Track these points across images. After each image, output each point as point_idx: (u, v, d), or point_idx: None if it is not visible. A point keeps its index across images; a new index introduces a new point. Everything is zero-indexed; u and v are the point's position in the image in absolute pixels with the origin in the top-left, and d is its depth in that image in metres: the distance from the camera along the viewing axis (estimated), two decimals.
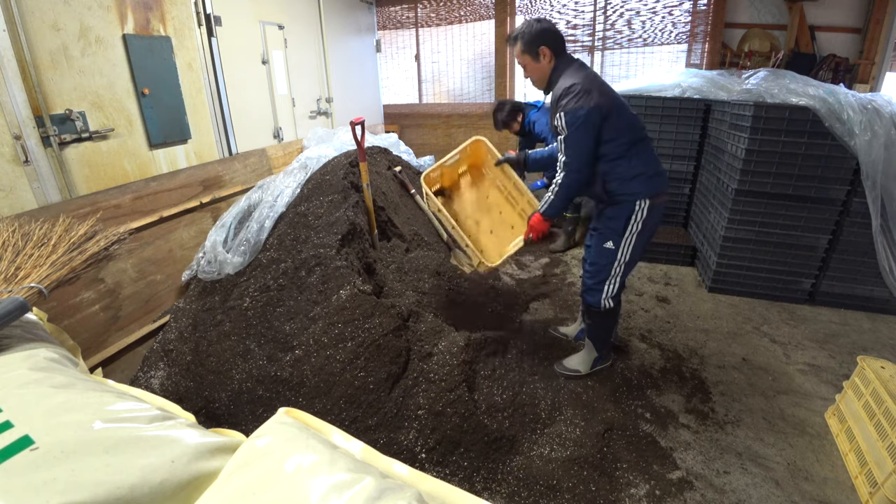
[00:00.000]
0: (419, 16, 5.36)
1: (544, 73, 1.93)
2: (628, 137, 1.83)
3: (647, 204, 1.84)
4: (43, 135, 2.04)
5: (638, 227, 1.88)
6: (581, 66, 1.87)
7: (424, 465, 1.63)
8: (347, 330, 1.88)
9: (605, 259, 1.94)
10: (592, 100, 1.75)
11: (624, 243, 1.90)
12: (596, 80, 1.84)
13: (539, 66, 1.91)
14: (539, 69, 1.92)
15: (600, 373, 2.18)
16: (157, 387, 1.97)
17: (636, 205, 1.85)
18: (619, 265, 1.93)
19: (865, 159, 2.48)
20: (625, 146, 1.83)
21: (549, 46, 1.86)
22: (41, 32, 2.03)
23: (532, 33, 1.86)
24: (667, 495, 1.60)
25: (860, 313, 2.79)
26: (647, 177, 1.85)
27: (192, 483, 0.75)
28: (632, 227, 1.88)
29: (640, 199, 1.84)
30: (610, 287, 1.96)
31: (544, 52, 1.87)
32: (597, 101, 1.75)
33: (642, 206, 1.84)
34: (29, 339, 1.08)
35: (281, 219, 2.52)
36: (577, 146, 1.80)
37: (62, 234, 1.49)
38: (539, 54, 1.88)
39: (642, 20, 4.45)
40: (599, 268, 1.96)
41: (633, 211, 1.86)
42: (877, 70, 3.87)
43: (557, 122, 1.81)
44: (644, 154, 1.86)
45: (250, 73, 3.44)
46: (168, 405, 1.00)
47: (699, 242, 3.37)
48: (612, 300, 1.97)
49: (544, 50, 1.86)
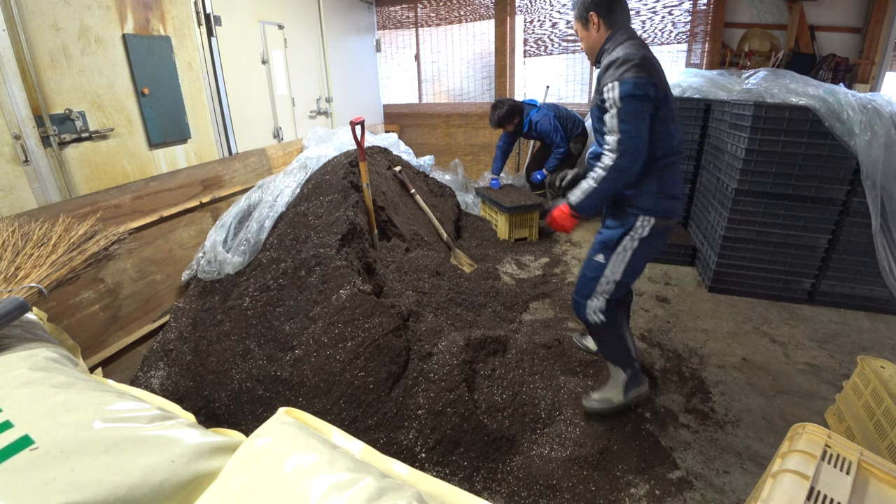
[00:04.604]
0: (419, 15, 5.36)
1: (593, 44, 1.71)
2: (663, 149, 1.63)
3: (651, 224, 1.66)
4: (43, 134, 2.04)
5: (634, 244, 1.68)
6: (642, 45, 1.63)
7: (424, 464, 1.63)
8: (347, 330, 1.88)
9: (592, 272, 1.77)
10: (654, 78, 1.53)
11: (615, 259, 1.71)
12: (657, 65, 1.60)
13: (588, 35, 1.70)
14: (588, 38, 1.71)
15: (600, 373, 2.17)
16: (157, 387, 1.97)
17: (638, 220, 1.66)
18: (608, 282, 1.74)
19: (865, 159, 2.48)
20: (661, 155, 1.63)
21: (598, 13, 1.65)
22: (41, 32, 2.03)
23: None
24: (667, 495, 1.60)
25: (860, 313, 2.79)
26: (664, 196, 1.66)
27: (192, 483, 0.75)
28: (626, 243, 1.69)
29: (646, 216, 1.66)
30: (595, 302, 1.77)
31: (593, 18, 1.66)
32: (656, 83, 1.53)
33: (644, 224, 1.66)
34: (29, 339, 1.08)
35: (281, 218, 2.52)
36: (634, 122, 1.52)
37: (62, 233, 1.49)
38: (588, 21, 1.67)
39: (642, 20, 4.45)
40: (586, 280, 1.79)
41: (632, 226, 1.67)
42: (877, 70, 3.87)
43: (607, 95, 1.54)
44: (670, 172, 1.66)
45: (250, 73, 3.44)
46: (168, 405, 1.00)
47: (699, 242, 3.37)
48: (602, 314, 1.77)
49: (593, 17, 1.65)
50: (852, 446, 1.06)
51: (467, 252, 3.40)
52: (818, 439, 1.07)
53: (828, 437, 1.08)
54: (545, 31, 4.88)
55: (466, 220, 4.10)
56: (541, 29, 4.89)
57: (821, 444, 1.05)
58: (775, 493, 0.95)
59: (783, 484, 0.96)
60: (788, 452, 1.06)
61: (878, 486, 0.97)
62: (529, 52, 5.03)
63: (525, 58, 5.09)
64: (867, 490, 0.96)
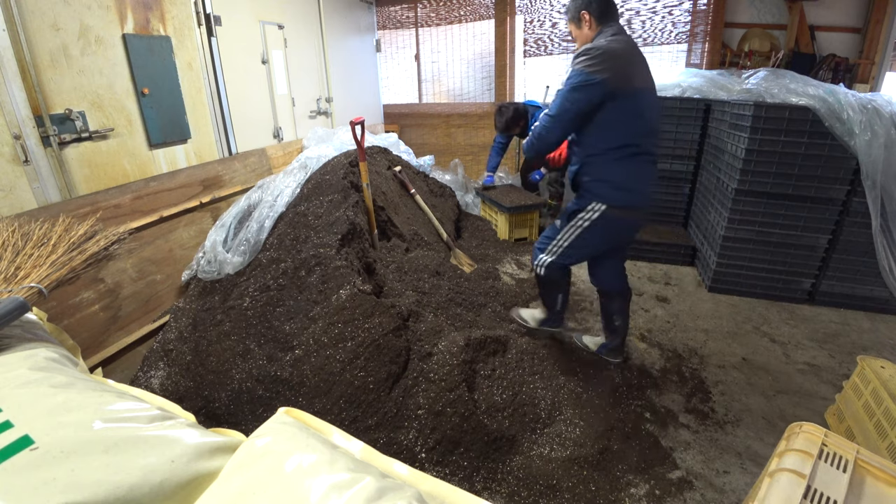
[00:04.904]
0: (419, 15, 5.36)
1: (585, 41, 1.79)
2: (619, 140, 1.73)
3: (601, 210, 1.81)
4: (43, 134, 2.04)
5: (584, 224, 1.87)
6: (625, 41, 1.71)
7: (424, 464, 1.63)
8: (347, 330, 1.88)
9: (550, 231, 2.04)
10: (607, 72, 1.62)
11: (567, 230, 1.93)
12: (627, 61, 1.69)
13: (581, 34, 1.80)
14: (581, 36, 1.80)
15: (600, 373, 2.18)
16: (157, 387, 1.97)
17: (590, 203, 1.84)
18: (558, 245, 1.97)
19: (865, 159, 2.48)
20: (616, 146, 1.74)
21: (590, 12, 1.74)
22: (41, 32, 2.03)
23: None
24: (667, 495, 1.60)
25: (860, 313, 2.79)
26: (615, 187, 1.79)
27: (192, 483, 0.75)
28: (577, 221, 1.89)
29: (597, 201, 1.82)
30: (545, 257, 2.02)
31: (585, 17, 1.75)
32: (609, 77, 1.63)
33: (595, 208, 1.83)
34: (29, 339, 1.08)
35: (281, 218, 2.52)
36: (562, 106, 1.71)
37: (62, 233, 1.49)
38: (581, 20, 1.77)
39: (642, 20, 4.45)
40: (545, 237, 2.05)
41: (584, 207, 1.86)
42: (877, 70, 3.87)
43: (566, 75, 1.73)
44: (628, 164, 1.77)
45: (250, 73, 3.44)
46: (168, 405, 1.00)
47: (699, 242, 3.37)
48: (544, 269, 2.03)
49: (585, 15, 1.75)
50: (849, 445, 1.06)
51: (467, 252, 3.40)
52: (815, 438, 1.07)
53: (824, 435, 1.08)
54: (545, 31, 4.88)
55: (466, 220, 4.10)
56: (541, 29, 4.89)
57: (817, 443, 1.05)
58: (772, 492, 0.95)
59: (780, 483, 0.97)
60: (785, 451, 1.06)
61: (874, 484, 0.97)
62: (529, 52, 5.03)
63: (525, 58, 5.09)
64: (863, 488, 0.97)
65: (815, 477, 0.97)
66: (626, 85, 1.67)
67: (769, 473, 1.02)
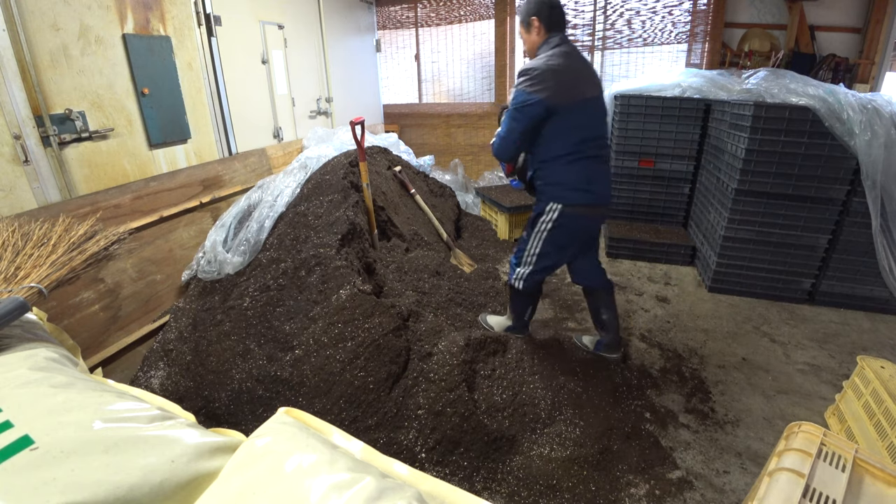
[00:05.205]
0: (419, 15, 5.36)
1: (532, 46, 1.93)
2: (571, 148, 1.83)
3: (559, 210, 1.90)
4: (43, 134, 2.04)
5: (547, 226, 1.94)
6: (566, 54, 1.82)
7: (424, 464, 1.63)
8: (347, 330, 1.88)
9: (521, 243, 2.09)
10: (546, 91, 1.74)
11: (534, 237, 1.99)
12: (567, 74, 1.79)
13: (529, 38, 1.92)
14: (529, 40, 1.93)
15: (600, 373, 2.17)
16: (157, 387, 1.97)
17: (547, 206, 1.92)
18: (530, 255, 2.03)
19: (865, 159, 2.48)
20: (563, 153, 1.84)
21: (539, 18, 1.85)
22: (41, 32, 2.03)
23: (527, 3, 1.88)
24: (667, 495, 1.60)
25: (860, 313, 2.79)
26: (567, 188, 1.88)
27: (192, 483, 0.75)
28: (540, 225, 1.96)
29: (553, 203, 1.91)
30: (520, 270, 2.08)
31: (534, 23, 1.87)
32: (548, 96, 1.75)
33: (552, 209, 1.91)
34: (29, 339, 1.08)
35: (281, 219, 2.52)
36: (510, 125, 1.85)
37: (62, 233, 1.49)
38: (530, 25, 1.88)
39: (642, 20, 4.45)
40: (518, 249, 2.10)
41: (543, 210, 1.94)
42: (877, 70, 3.87)
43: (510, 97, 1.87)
44: (579, 167, 1.86)
45: (250, 73, 3.44)
46: (168, 405, 1.00)
47: (699, 242, 3.37)
48: (523, 283, 2.09)
49: (534, 21, 1.86)
50: (848, 444, 1.06)
51: (467, 252, 3.40)
52: (814, 438, 1.08)
53: (823, 435, 1.08)
54: None
55: (466, 220, 4.10)
56: None
57: (816, 443, 1.06)
58: (772, 492, 0.95)
59: (779, 482, 0.97)
60: (784, 451, 1.06)
61: (872, 483, 0.98)
62: None
63: (525, 58, 5.08)
64: (862, 487, 0.97)
65: (814, 476, 0.97)
66: (566, 100, 1.78)
67: (768, 473, 1.02)
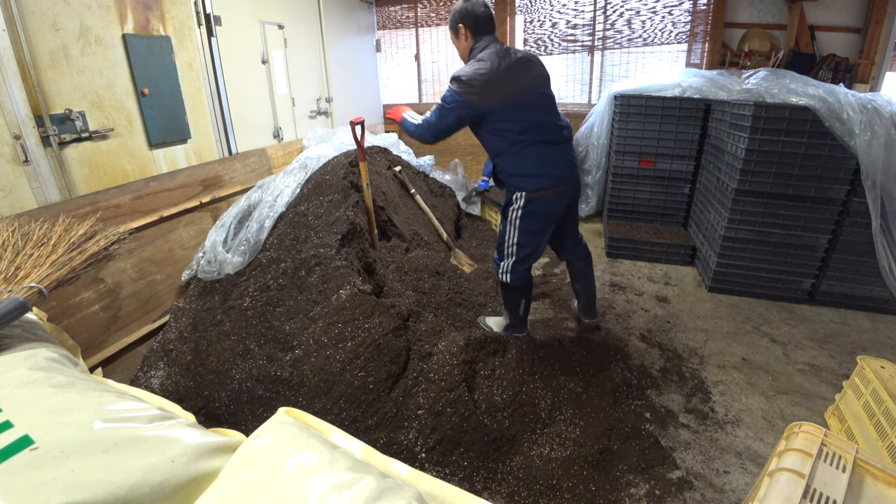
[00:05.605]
0: (419, 15, 5.36)
1: (463, 51, 2.03)
2: (517, 138, 1.91)
3: (524, 196, 1.98)
4: (43, 134, 2.04)
5: (518, 213, 2.01)
6: (493, 55, 1.88)
7: (424, 464, 1.63)
8: (347, 330, 1.88)
9: (499, 237, 2.15)
10: (474, 96, 1.85)
11: (509, 228, 2.07)
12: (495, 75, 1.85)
13: (459, 44, 2.03)
14: (459, 45, 2.04)
15: (600, 373, 2.18)
16: (157, 387, 1.97)
17: (513, 195, 2.01)
18: (510, 246, 2.09)
19: (865, 159, 2.48)
20: (514, 144, 1.92)
21: (465, 25, 1.95)
22: (41, 32, 2.03)
23: (454, 11, 1.98)
24: (667, 495, 1.60)
25: (860, 313, 2.79)
26: (525, 176, 1.96)
27: (191, 483, 0.75)
28: (511, 215, 2.04)
29: (517, 191, 1.99)
30: (505, 263, 2.13)
31: (461, 30, 1.97)
32: (476, 101, 1.85)
33: (518, 197, 1.99)
34: (29, 339, 1.08)
35: (281, 219, 2.52)
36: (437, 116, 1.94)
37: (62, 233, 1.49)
38: (458, 31, 1.98)
39: (642, 20, 4.45)
40: (499, 244, 2.17)
41: (510, 200, 2.03)
42: (877, 70, 3.87)
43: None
44: (529, 154, 1.93)
45: (250, 73, 3.43)
46: (168, 405, 1.00)
47: (699, 242, 3.37)
48: (510, 276, 2.13)
49: (461, 28, 1.96)
50: (848, 444, 1.06)
51: (467, 252, 3.40)
52: (814, 438, 1.07)
53: (824, 435, 1.08)
54: (545, 31, 4.88)
55: (466, 220, 4.10)
56: (541, 29, 4.89)
57: (817, 443, 1.06)
58: (772, 492, 0.95)
59: (780, 482, 0.97)
60: (785, 451, 1.06)
61: (873, 484, 0.98)
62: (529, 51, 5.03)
63: None
64: (863, 488, 0.97)
65: (814, 477, 0.97)
66: (496, 101, 1.87)
67: (769, 473, 1.02)
